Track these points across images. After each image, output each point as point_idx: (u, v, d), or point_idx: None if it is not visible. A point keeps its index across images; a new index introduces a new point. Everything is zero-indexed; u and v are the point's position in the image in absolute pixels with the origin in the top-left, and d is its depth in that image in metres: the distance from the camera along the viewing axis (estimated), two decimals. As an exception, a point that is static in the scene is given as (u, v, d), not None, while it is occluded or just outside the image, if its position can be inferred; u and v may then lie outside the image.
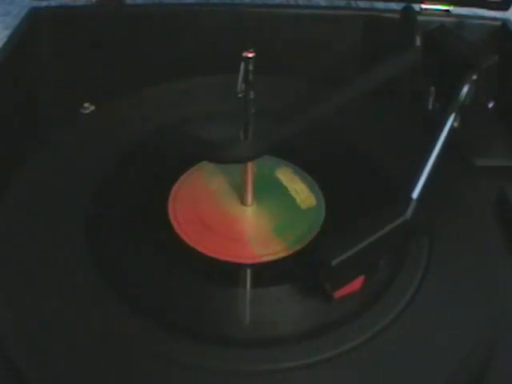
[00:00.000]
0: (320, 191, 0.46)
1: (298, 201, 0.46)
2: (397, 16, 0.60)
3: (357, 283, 0.39)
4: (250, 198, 0.45)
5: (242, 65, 0.40)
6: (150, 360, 0.35)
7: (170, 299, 0.40)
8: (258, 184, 0.45)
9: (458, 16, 0.62)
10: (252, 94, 0.41)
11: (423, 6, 0.62)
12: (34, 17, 0.61)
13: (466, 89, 0.45)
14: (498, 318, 0.39)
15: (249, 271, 0.42)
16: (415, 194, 0.40)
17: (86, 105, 0.54)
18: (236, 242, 0.43)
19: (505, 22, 0.61)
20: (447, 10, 0.62)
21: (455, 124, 0.44)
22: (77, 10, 0.64)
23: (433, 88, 0.50)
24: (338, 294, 0.39)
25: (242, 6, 0.64)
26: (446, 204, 0.44)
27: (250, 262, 0.42)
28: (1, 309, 0.38)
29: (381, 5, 0.64)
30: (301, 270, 0.40)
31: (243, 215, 0.45)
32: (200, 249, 0.42)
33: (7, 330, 0.36)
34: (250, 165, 0.44)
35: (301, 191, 0.47)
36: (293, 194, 0.46)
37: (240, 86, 0.41)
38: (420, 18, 0.59)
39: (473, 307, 0.39)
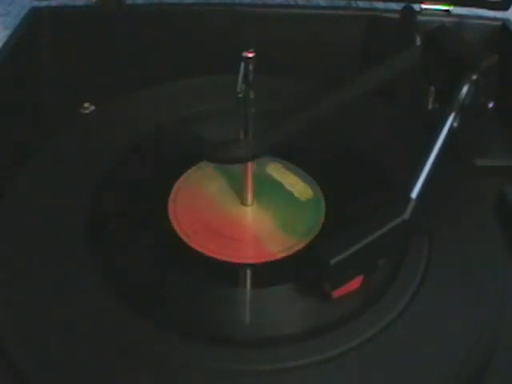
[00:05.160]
0: (320, 191, 0.47)
1: (298, 199, 0.46)
2: (397, 16, 0.60)
3: (355, 283, 0.39)
4: (250, 197, 0.45)
5: (242, 65, 0.40)
6: (150, 360, 0.35)
7: (169, 299, 0.40)
8: (257, 184, 0.45)
9: (458, 16, 0.62)
10: (252, 94, 0.41)
11: (423, 6, 0.62)
12: (34, 17, 0.61)
13: (465, 89, 0.45)
14: (498, 317, 0.39)
15: (249, 271, 0.42)
16: (414, 194, 0.40)
17: (86, 105, 0.54)
18: (236, 241, 0.43)
19: (505, 22, 0.61)
20: (447, 10, 0.62)
21: (455, 124, 0.44)
22: (77, 9, 0.64)
23: (433, 88, 0.50)
24: (336, 293, 0.39)
25: (242, 5, 0.64)
26: (445, 204, 0.44)
27: (250, 261, 0.42)
28: (1, 309, 0.38)
29: (381, 5, 0.64)
30: (300, 270, 0.40)
31: (243, 215, 0.45)
32: (200, 249, 0.42)
33: (7, 331, 0.37)
34: (249, 165, 0.44)
35: (301, 191, 0.47)
36: (292, 193, 0.46)
37: (240, 86, 0.40)
38: (420, 18, 0.60)
39: (473, 307, 0.39)
